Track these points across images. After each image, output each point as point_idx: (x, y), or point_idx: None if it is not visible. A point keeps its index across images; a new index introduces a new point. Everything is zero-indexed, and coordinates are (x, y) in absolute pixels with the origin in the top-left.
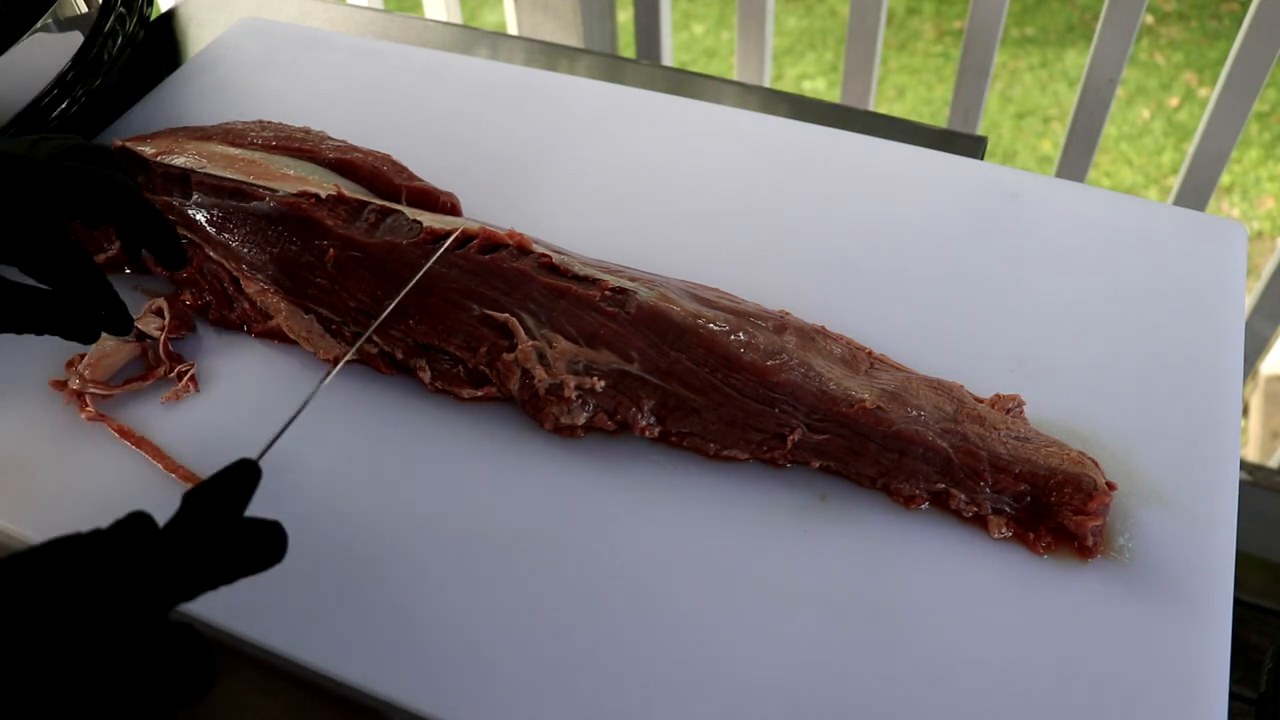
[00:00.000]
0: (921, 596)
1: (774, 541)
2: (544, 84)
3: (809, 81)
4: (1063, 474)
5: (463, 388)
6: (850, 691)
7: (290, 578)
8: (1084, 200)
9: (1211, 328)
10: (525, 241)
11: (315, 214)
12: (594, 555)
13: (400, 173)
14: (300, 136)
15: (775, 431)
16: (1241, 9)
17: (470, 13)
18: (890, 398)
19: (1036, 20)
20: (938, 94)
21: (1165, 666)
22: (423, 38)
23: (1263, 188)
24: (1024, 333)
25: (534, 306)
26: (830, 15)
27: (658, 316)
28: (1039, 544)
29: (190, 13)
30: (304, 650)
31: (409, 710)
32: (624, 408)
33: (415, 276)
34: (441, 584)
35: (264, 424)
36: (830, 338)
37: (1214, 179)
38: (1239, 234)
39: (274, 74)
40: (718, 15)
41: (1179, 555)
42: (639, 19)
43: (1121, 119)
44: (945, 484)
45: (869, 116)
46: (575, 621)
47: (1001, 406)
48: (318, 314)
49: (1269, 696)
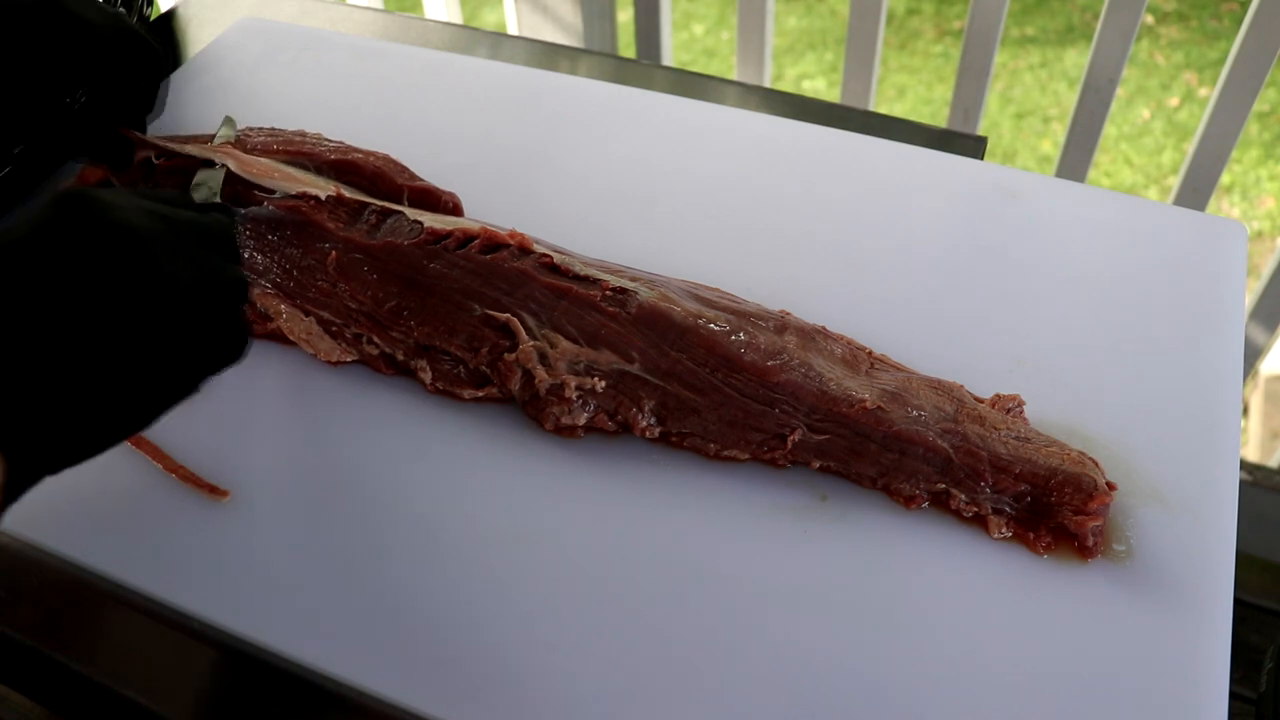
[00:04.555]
0: (921, 596)
1: (774, 541)
2: (544, 84)
3: (809, 81)
4: (1063, 474)
5: (463, 388)
6: (850, 691)
7: (290, 578)
8: (1084, 200)
9: (1211, 328)
10: (526, 241)
11: (315, 216)
12: (594, 555)
13: (402, 173)
14: (300, 138)
15: (775, 432)
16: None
17: (470, 13)
18: (890, 398)
19: (1036, 20)
20: (938, 94)
21: (1165, 666)
22: (423, 38)
23: (1263, 188)
24: (1024, 333)
25: (535, 307)
26: (830, 15)
27: (658, 316)
28: (1039, 544)
29: (190, 13)
30: (304, 650)
31: (409, 710)
32: (624, 408)
33: (417, 277)
34: (441, 584)
35: (264, 425)
36: (831, 338)
37: (1214, 179)
38: (1239, 234)
39: (274, 74)
40: (718, 15)
41: (1179, 555)
42: (639, 19)
43: (1121, 119)
44: (945, 484)
45: (869, 116)
46: (575, 621)
47: (1001, 406)
48: (318, 316)
49: (1269, 696)
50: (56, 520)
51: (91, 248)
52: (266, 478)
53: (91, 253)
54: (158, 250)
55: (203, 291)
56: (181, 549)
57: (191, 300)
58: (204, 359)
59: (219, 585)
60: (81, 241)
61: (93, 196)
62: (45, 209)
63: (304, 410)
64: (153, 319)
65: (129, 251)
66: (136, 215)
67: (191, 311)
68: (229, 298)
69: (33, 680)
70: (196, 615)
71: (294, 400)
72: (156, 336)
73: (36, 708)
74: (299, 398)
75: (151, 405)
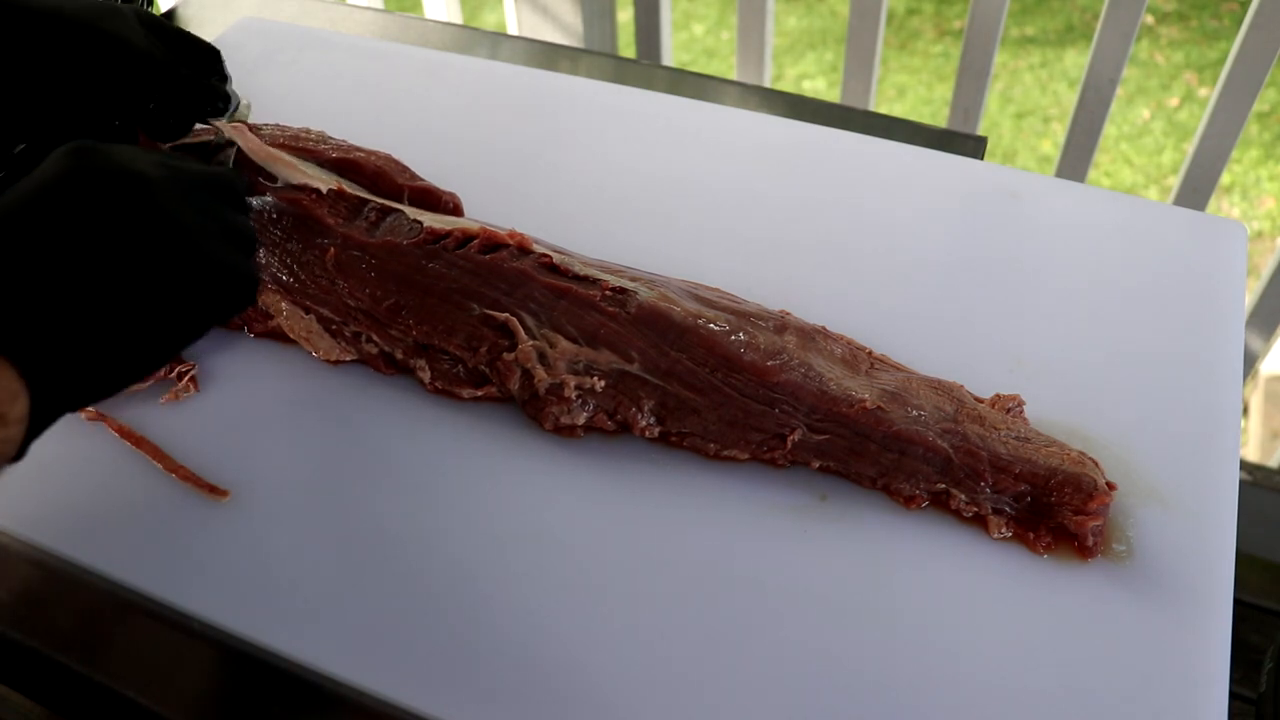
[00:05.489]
0: (921, 596)
1: (774, 541)
2: (544, 84)
3: (809, 81)
4: (1063, 474)
5: (463, 387)
6: (850, 691)
7: (289, 578)
8: (1084, 200)
9: (1211, 328)
10: (525, 241)
11: (316, 211)
12: (593, 555)
13: (403, 172)
14: (302, 136)
15: (775, 431)
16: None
17: (470, 13)
18: (890, 398)
19: (1036, 20)
20: (938, 94)
21: (1165, 666)
22: (423, 38)
23: (1263, 188)
24: (1024, 333)
25: (534, 306)
26: (830, 15)
27: (658, 316)
28: (1039, 544)
29: (190, 13)
30: (303, 650)
31: (409, 710)
32: (624, 408)
33: (416, 276)
34: (441, 583)
35: (264, 424)
36: (830, 338)
37: (1214, 179)
38: (1239, 234)
39: (274, 74)
40: (718, 15)
41: (1179, 555)
42: (639, 19)
43: (1121, 119)
44: (945, 484)
45: (869, 116)
46: (574, 621)
47: (1001, 406)
48: (318, 314)
49: (1269, 696)
50: (56, 520)
51: (104, 190)
52: (266, 478)
53: (104, 195)
54: (167, 195)
55: (210, 235)
56: (181, 549)
57: (199, 242)
58: (212, 301)
59: (219, 585)
60: (95, 184)
61: (104, 147)
62: (59, 157)
63: (304, 410)
64: (163, 259)
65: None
66: (146, 164)
67: (199, 253)
68: (236, 243)
69: (33, 680)
70: (196, 615)
71: (294, 400)
72: (166, 276)
73: (36, 708)
74: (299, 397)
75: (164, 345)
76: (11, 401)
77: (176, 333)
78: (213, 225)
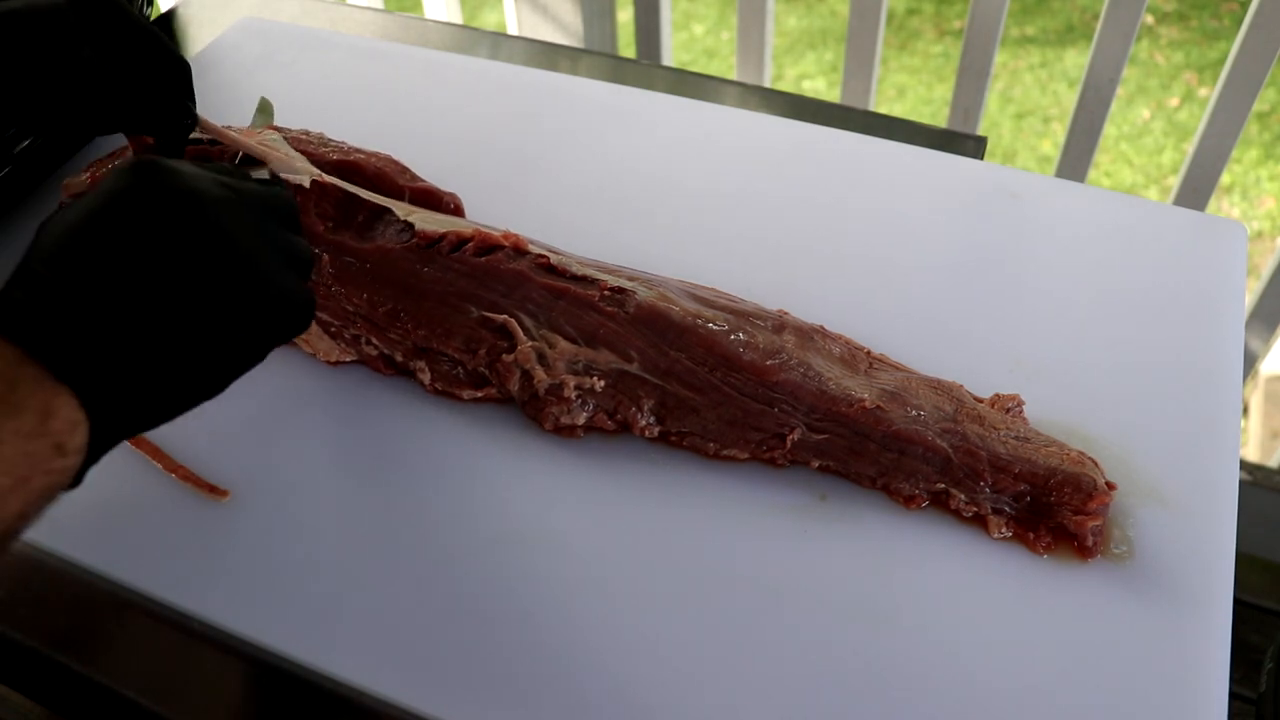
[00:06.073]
0: (921, 596)
1: (774, 541)
2: (544, 84)
3: (809, 81)
4: (1062, 474)
5: (463, 389)
6: (849, 691)
7: (290, 578)
8: (1084, 200)
9: (1211, 328)
10: (521, 242)
11: (305, 219)
12: (593, 554)
13: (403, 173)
14: (302, 138)
15: (775, 431)
16: (1241, 9)
17: (470, 13)
18: (890, 397)
19: (1036, 20)
20: (938, 94)
21: (1165, 666)
22: (423, 38)
23: (1263, 188)
24: (1023, 333)
25: (533, 307)
26: (830, 15)
27: (657, 316)
28: (1039, 544)
29: (190, 13)
30: (304, 650)
31: (409, 710)
32: (624, 407)
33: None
34: (441, 583)
35: (264, 424)
36: (829, 337)
37: (1214, 179)
38: (1239, 234)
39: (274, 74)
40: (718, 15)
41: (1179, 555)
42: (639, 19)
43: (1121, 119)
44: (945, 484)
45: (869, 116)
46: (575, 621)
47: (1001, 406)
48: (317, 317)
49: (1269, 696)
50: (56, 520)
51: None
52: (266, 478)
53: (169, 216)
54: (228, 217)
55: (269, 258)
56: (181, 549)
57: (260, 266)
58: (272, 325)
59: (218, 585)
60: (159, 205)
61: (167, 165)
62: (121, 175)
63: (304, 410)
64: (224, 284)
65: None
66: (207, 184)
67: (260, 276)
68: (294, 265)
69: (33, 680)
70: (196, 615)
71: (294, 400)
72: (228, 301)
73: (36, 708)
74: (299, 398)
75: (223, 370)
76: (71, 431)
77: (236, 358)
78: (271, 248)
